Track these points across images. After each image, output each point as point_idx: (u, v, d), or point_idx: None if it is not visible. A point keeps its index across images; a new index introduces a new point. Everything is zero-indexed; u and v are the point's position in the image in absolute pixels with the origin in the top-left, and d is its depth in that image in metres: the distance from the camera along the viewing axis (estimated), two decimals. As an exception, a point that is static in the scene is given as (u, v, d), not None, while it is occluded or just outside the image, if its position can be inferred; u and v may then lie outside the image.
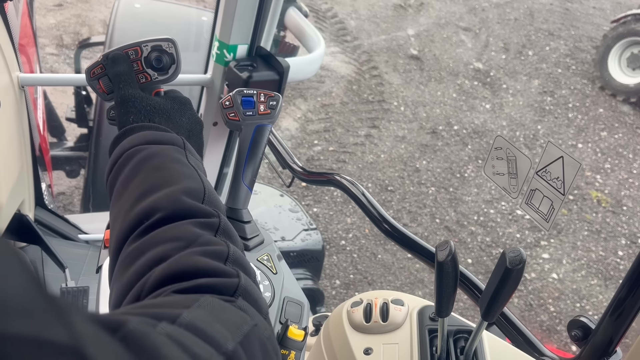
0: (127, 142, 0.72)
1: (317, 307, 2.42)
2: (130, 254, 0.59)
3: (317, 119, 4.84)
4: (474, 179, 4.40)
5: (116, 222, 0.65)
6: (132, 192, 0.65)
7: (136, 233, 0.60)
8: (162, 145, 0.71)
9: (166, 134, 0.74)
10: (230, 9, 1.49)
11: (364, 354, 0.94)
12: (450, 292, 0.81)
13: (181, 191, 0.63)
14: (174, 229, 0.59)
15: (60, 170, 3.16)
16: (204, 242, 0.57)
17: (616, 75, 5.74)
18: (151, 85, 0.87)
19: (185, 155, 0.71)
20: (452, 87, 5.52)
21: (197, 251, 0.56)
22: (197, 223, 0.60)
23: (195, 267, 0.54)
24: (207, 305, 0.48)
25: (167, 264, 0.55)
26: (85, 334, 0.25)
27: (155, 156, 0.68)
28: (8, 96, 1.46)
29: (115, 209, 0.67)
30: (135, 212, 0.62)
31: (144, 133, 0.73)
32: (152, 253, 0.57)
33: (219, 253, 0.57)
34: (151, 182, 0.64)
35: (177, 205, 0.61)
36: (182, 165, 0.69)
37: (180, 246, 0.56)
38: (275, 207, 2.48)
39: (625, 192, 4.51)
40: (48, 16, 5.30)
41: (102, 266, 1.13)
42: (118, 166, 0.70)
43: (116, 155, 0.72)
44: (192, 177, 0.67)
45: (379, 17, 6.58)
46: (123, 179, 0.68)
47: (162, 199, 0.61)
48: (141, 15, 2.92)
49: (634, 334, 0.91)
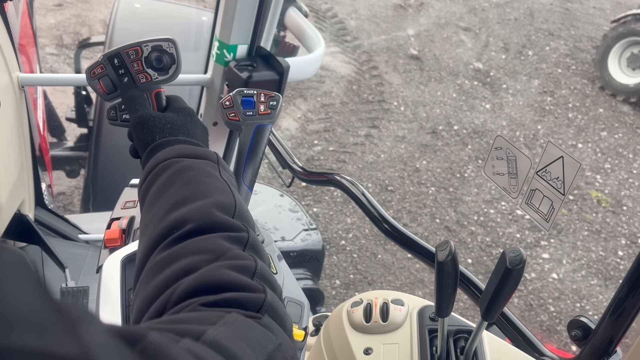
0: (162, 154, 0.74)
1: (317, 307, 2.42)
2: (159, 263, 0.59)
3: (317, 119, 4.84)
4: (474, 179, 4.40)
5: (146, 230, 0.66)
6: (164, 202, 0.66)
7: (166, 242, 0.61)
8: (196, 160, 0.73)
9: (200, 149, 0.76)
10: (230, 9, 1.50)
11: (364, 354, 0.94)
12: (450, 292, 0.81)
13: (213, 205, 0.64)
14: (203, 242, 0.59)
15: (60, 170, 3.16)
16: (232, 256, 0.58)
17: (616, 75, 5.74)
18: (151, 85, 0.87)
19: (218, 170, 0.73)
20: (452, 87, 5.52)
21: (226, 265, 0.56)
22: (227, 237, 0.61)
23: (222, 281, 0.54)
24: (232, 323, 0.48)
25: (195, 276, 0.55)
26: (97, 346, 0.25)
27: (189, 169, 0.70)
28: (8, 96, 1.46)
29: (146, 218, 0.68)
30: (166, 222, 0.63)
31: (178, 147, 0.75)
32: (181, 264, 0.57)
33: (247, 268, 0.57)
34: (184, 194, 0.66)
35: (208, 218, 0.62)
36: (215, 180, 0.70)
37: (208, 259, 0.57)
38: (275, 207, 2.48)
39: (625, 192, 4.51)
40: (48, 16, 5.30)
41: (102, 266, 1.13)
42: (152, 176, 0.72)
43: (151, 166, 0.73)
44: (224, 191, 0.68)
45: (379, 17, 6.58)
46: (156, 189, 0.69)
47: (194, 211, 0.63)
48: (141, 15, 2.92)
49: (634, 334, 0.91)
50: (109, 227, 1.17)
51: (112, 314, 1.06)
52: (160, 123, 0.80)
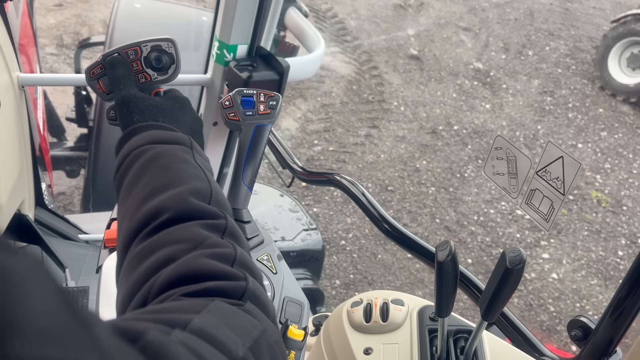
0: (134, 142, 0.72)
1: (317, 307, 2.42)
2: (138, 255, 0.59)
3: (317, 119, 4.84)
4: (474, 179, 4.40)
5: (123, 222, 0.65)
6: (139, 192, 0.65)
7: (144, 233, 0.60)
8: (169, 145, 0.71)
9: (173, 133, 0.74)
10: (230, 9, 1.49)
11: (364, 354, 0.94)
12: (450, 292, 0.81)
13: (188, 192, 0.63)
14: (181, 230, 0.59)
15: (60, 170, 3.16)
16: (210, 244, 0.58)
17: (616, 75, 5.74)
18: (151, 85, 0.87)
19: (192, 155, 0.71)
20: (452, 87, 5.52)
21: (204, 253, 0.56)
22: (204, 225, 0.60)
23: (203, 270, 0.54)
24: (216, 311, 0.48)
25: (175, 266, 0.55)
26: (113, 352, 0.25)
27: (162, 156, 0.68)
28: (8, 96, 1.46)
29: (122, 209, 0.67)
30: (142, 212, 0.62)
31: (150, 132, 0.73)
32: (160, 254, 0.57)
33: (226, 255, 0.57)
34: (158, 182, 0.65)
35: (184, 206, 0.61)
36: (189, 166, 0.69)
37: (187, 248, 0.57)
38: (275, 207, 2.48)
39: (625, 192, 4.51)
40: (48, 16, 5.30)
41: (102, 266, 1.13)
42: (125, 165, 0.70)
43: (123, 155, 0.71)
44: (199, 177, 0.67)
45: (379, 17, 6.58)
46: (130, 179, 0.68)
47: (170, 199, 0.62)
48: (141, 15, 2.92)
49: (634, 334, 0.91)
50: (108, 227, 1.17)
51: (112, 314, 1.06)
52: (142, 104, 0.78)
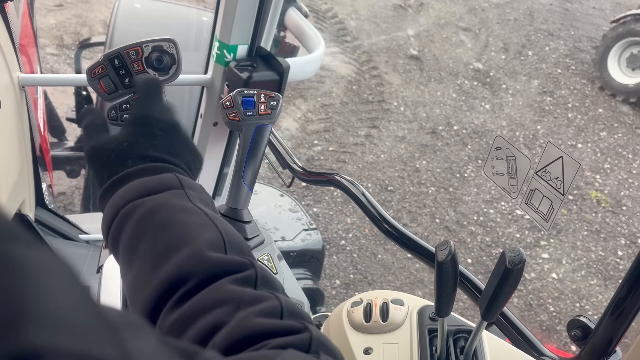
0: (118, 198, 0.64)
1: (317, 307, 2.42)
2: (174, 326, 0.55)
3: (317, 119, 4.84)
4: (474, 179, 4.40)
5: (137, 293, 0.59)
6: (144, 257, 0.59)
7: (172, 303, 0.56)
8: (158, 195, 0.63)
9: (157, 179, 0.65)
10: (230, 9, 1.50)
11: (364, 354, 0.94)
12: (450, 292, 0.82)
13: (203, 247, 0.58)
14: (214, 293, 0.55)
15: (61, 170, 3.16)
16: (251, 300, 0.54)
17: (616, 75, 5.74)
18: (152, 86, 0.87)
19: (187, 197, 0.64)
20: (452, 87, 5.52)
21: (252, 312, 0.53)
22: (235, 280, 0.56)
23: (260, 329, 0.51)
24: (291, 357, 0.47)
25: (228, 330, 0.52)
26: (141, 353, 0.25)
27: (156, 211, 0.61)
28: (8, 96, 1.46)
29: (128, 275, 0.61)
30: (159, 280, 0.57)
31: (133, 184, 0.65)
32: (203, 322, 0.53)
33: (273, 309, 0.54)
34: (165, 244, 0.59)
35: (207, 265, 0.57)
36: (190, 214, 0.62)
37: (230, 310, 0.53)
38: (275, 207, 2.48)
39: (625, 192, 4.52)
40: (48, 16, 5.30)
41: (103, 266, 1.13)
42: (116, 226, 0.63)
43: (110, 214, 0.64)
44: (205, 225, 0.61)
45: (379, 17, 6.58)
46: (127, 242, 0.62)
47: (189, 261, 0.57)
48: (141, 16, 2.92)
49: (634, 334, 0.92)
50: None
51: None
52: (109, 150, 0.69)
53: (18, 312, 0.20)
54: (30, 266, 0.22)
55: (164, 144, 0.70)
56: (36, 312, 0.21)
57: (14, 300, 0.21)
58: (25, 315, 0.20)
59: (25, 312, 0.21)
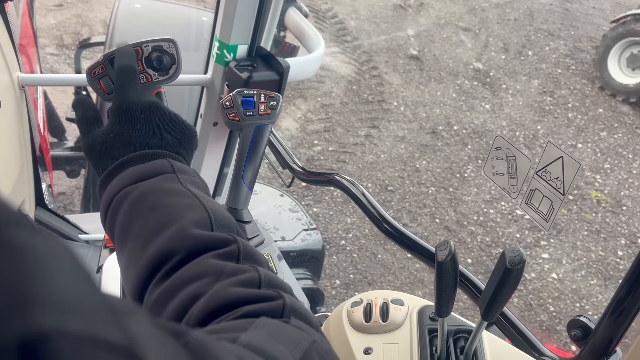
0: (114, 185, 0.67)
1: (317, 307, 2.42)
2: (159, 300, 0.57)
3: (317, 119, 4.84)
4: (474, 179, 4.40)
5: (128, 271, 0.63)
6: (135, 238, 0.62)
7: (157, 278, 0.58)
8: (150, 180, 0.66)
9: (150, 166, 0.68)
10: (230, 9, 1.50)
11: (364, 354, 0.94)
12: (450, 292, 0.82)
13: (189, 225, 0.60)
14: (196, 267, 0.57)
15: (61, 170, 3.17)
16: (230, 272, 0.56)
17: (616, 75, 5.74)
18: (152, 86, 0.87)
19: (178, 180, 0.67)
20: (452, 87, 5.53)
21: (229, 283, 0.55)
22: (217, 255, 0.58)
23: (234, 298, 0.53)
24: (263, 326, 0.48)
25: (205, 300, 0.54)
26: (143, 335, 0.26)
27: (146, 195, 0.64)
28: (8, 96, 1.46)
29: (123, 258, 0.65)
30: (147, 258, 0.59)
31: (127, 172, 0.68)
32: (183, 294, 0.56)
33: (251, 279, 0.56)
34: (153, 224, 0.61)
35: (191, 241, 0.59)
36: (178, 195, 0.64)
37: (209, 282, 0.55)
38: (275, 207, 2.48)
39: (625, 192, 4.52)
40: (48, 16, 5.30)
41: (103, 266, 1.13)
42: (111, 211, 0.66)
43: (106, 200, 0.67)
44: (192, 205, 0.63)
45: (379, 17, 6.58)
46: (120, 225, 0.65)
47: (173, 239, 0.59)
48: (141, 16, 2.92)
49: (634, 334, 0.92)
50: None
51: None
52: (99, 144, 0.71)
53: (25, 296, 0.21)
54: (36, 251, 0.23)
55: (147, 126, 0.72)
56: (43, 295, 0.21)
57: (20, 284, 0.21)
58: (32, 299, 0.21)
59: (32, 295, 0.21)
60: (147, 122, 0.72)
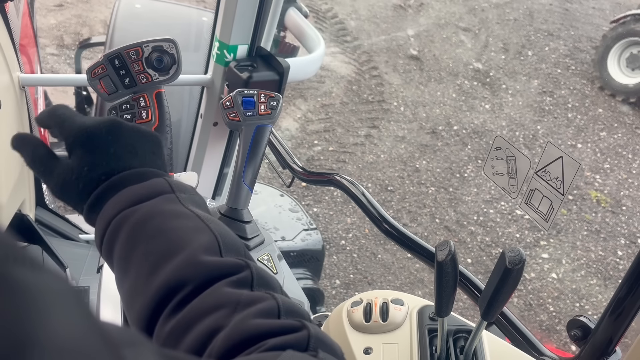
0: (110, 208, 0.62)
1: (317, 307, 2.42)
2: (172, 334, 0.54)
3: (317, 119, 4.85)
4: (474, 179, 4.40)
5: (134, 301, 0.59)
6: (139, 266, 0.58)
7: (168, 310, 0.55)
8: (150, 202, 0.61)
9: (147, 186, 0.63)
10: (230, 9, 1.50)
11: (363, 354, 0.95)
12: (450, 292, 0.82)
13: (197, 252, 0.57)
14: (210, 297, 0.54)
15: (61, 170, 3.16)
16: (247, 301, 0.54)
17: (615, 75, 5.74)
18: (152, 86, 0.87)
19: (178, 200, 0.62)
20: (452, 87, 5.53)
21: (249, 314, 0.52)
22: (230, 283, 0.56)
23: (258, 331, 0.51)
24: (290, 359, 0.46)
25: (226, 334, 0.51)
26: None
27: (148, 219, 0.59)
28: (9, 96, 1.47)
29: (125, 286, 0.60)
30: (155, 288, 0.56)
31: (123, 193, 0.62)
32: (200, 327, 0.53)
33: (270, 310, 0.54)
34: (159, 251, 0.58)
35: (202, 270, 0.56)
36: (182, 218, 0.61)
37: (226, 314, 0.53)
38: (275, 207, 2.48)
39: (624, 192, 4.52)
40: (49, 16, 5.30)
41: (103, 266, 1.13)
42: (109, 237, 0.61)
43: (102, 225, 0.62)
44: (198, 229, 0.60)
45: (379, 17, 6.59)
46: (121, 252, 0.60)
47: (183, 268, 0.56)
48: (141, 16, 2.92)
49: (634, 334, 0.92)
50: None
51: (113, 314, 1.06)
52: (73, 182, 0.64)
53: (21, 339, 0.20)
54: (32, 289, 0.22)
55: (119, 146, 0.65)
56: (40, 338, 0.21)
57: (17, 326, 0.20)
58: (29, 342, 0.20)
59: (28, 338, 0.20)
60: (117, 142, 0.65)
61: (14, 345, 0.20)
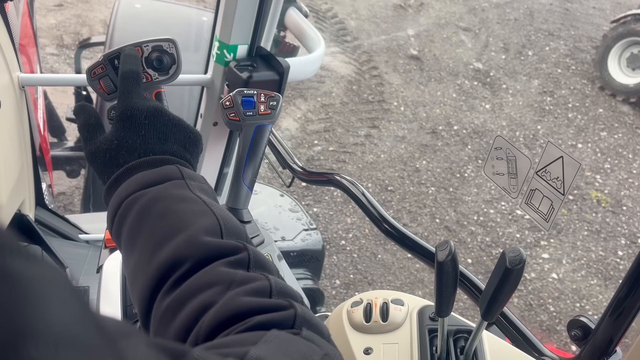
0: (122, 190, 0.66)
1: (317, 307, 2.42)
2: (169, 309, 0.56)
3: (317, 119, 4.84)
4: (474, 179, 4.40)
5: (136, 279, 0.61)
6: (144, 245, 0.61)
7: (167, 287, 0.57)
8: (159, 186, 0.65)
9: (159, 171, 0.67)
10: (230, 9, 1.50)
11: (364, 354, 0.94)
12: (450, 292, 0.82)
13: (199, 233, 0.59)
14: (206, 275, 0.56)
15: (61, 170, 3.17)
16: (241, 280, 0.55)
17: (616, 75, 5.74)
18: (152, 86, 0.87)
19: (187, 186, 0.66)
20: (452, 87, 5.52)
21: (240, 292, 0.54)
22: (227, 263, 0.57)
23: (245, 308, 0.52)
24: (273, 339, 0.47)
25: (216, 310, 0.53)
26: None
27: (156, 201, 0.63)
28: (8, 96, 1.46)
29: (129, 264, 0.63)
30: (156, 265, 0.58)
31: (136, 177, 0.67)
32: (194, 303, 0.55)
33: (262, 288, 0.55)
34: (163, 231, 0.60)
35: (201, 249, 0.58)
36: (188, 202, 0.63)
37: (220, 290, 0.54)
38: (275, 207, 2.48)
39: (625, 192, 4.52)
40: (48, 16, 5.30)
41: (103, 266, 1.13)
42: (119, 217, 0.65)
43: (114, 206, 0.66)
44: (202, 212, 0.62)
45: (379, 17, 6.58)
46: (128, 232, 0.63)
47: (183, 247, 0.58)
48: (141, 16, 2.92)
49: (634, 334, 0.92)
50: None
51: (112, 314, 1.06)
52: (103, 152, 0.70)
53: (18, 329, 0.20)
54: (29, 281, 0.22)
55: (151, 132, 0.70)
56: (36, 328, 0.21)
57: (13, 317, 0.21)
58: (26, 332, 0.20)
59: (26, 329, 0.21)
60: (151, 128, 0.71)
61: (11, 334, 0.20)
